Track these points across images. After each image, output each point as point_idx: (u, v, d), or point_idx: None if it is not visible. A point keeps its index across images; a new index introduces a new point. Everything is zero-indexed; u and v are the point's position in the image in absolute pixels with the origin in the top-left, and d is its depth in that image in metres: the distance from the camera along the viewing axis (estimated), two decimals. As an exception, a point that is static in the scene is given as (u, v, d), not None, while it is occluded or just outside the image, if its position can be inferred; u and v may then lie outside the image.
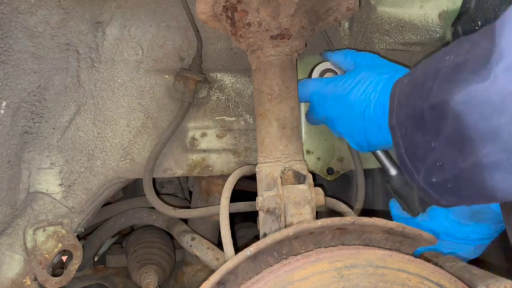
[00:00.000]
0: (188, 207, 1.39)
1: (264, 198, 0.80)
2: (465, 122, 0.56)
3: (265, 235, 0.82)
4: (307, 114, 1.03)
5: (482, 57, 0.55)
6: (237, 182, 0.92)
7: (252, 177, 1.00)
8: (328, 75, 1.01)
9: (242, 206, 1.07)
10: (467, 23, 1.05)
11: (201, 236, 1.20)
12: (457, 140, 0.58)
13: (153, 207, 1.12)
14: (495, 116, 0.52)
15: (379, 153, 0.99)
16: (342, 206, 1.05)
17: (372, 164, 1.15)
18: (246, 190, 1.41)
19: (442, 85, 0.60)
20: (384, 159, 0.99)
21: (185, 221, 1.32)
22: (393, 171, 0.97)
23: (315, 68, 1.02)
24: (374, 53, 1.00)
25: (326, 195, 0.89)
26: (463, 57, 0.59)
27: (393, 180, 0.96)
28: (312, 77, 1.02)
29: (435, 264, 0.69)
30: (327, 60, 1.03)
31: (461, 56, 0.59)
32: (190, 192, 1.49)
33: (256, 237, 1.28)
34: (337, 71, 1.01)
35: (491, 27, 0.56)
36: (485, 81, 0.53)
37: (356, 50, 1.01)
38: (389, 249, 0.67)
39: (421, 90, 0.66)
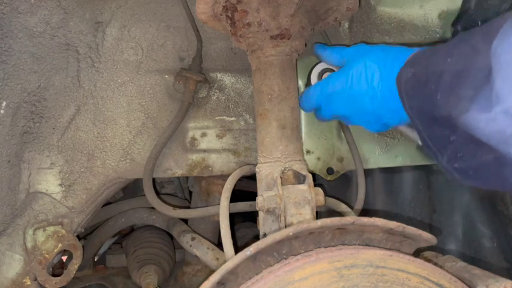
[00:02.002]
0: (189, 207, 1.39)
1: (264, 198, 0.80)
2: (475, 135, 0.58)
3: (265, 235, 0.82)
4: (316, 114, 1.02)
5: (481, 75, 0.56)
6: (237, 182, 0.92)
7: (252, 177, 1.00)
8: (327, 75, 1.00)
9: (242, 206, 1.07)
10: (467, 23, 1.05)
11: (201, 236, 1.20)
12: (473, 140, 0.60)
13: (153, 207, 1.12)
14: (501, 145, 0.55)
15: (403, 128, 0.97)
16: (342, 206, 1.05)
17: (372, 164, 1.15)
18: (246, 190, 1.41)
19: (446, 97, 0.62)
20: (409, 132, 0.97)
21: (185, 221, 1.32)
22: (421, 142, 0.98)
23: (313, 69, 1.02)
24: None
25: (326, 195, 0.89)
26: (463, 64, 0.60)
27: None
28: (311, 78, 1.02)
29: (435, 264, 0.69)
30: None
31: (461, 62, 0.61)
32: (190, 192, 1.49)
33: (256, 237, 1.28)
34: (334, 69, 1.00)
35: (488, 35, 0.57)
36: (485, 113, 0.55)
37: (343, 45, 1.01)
38: (389, 249, 0.67)
39: (425, 90, 0.67)
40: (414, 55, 0.78)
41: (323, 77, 1.00)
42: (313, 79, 1.01)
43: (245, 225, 1.75)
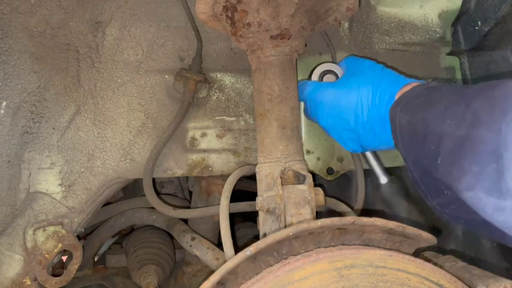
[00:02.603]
0: (189, 207, 1.39)
1: (264, 198, 0.80)
2: (478, 212, 0.57)
3: (265, 235, 0.82)
4: (304, 110, 1.04)
5: (486, 151, 0.55)
6: (237, 182, 0.92)
7: (252, 177, 1.00)
8: (328, 77, 1.01)
9: (242, 206, 1.07)
10: (467, 23, 1.05)
11: (201, 236, 1.20)
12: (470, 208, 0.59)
13: (153, 207, 1.12)
14: (507, 230, 0.55)
15: (370, 157, 1.00)
16: (342, 206, 1.05)
17: (372, 164, 1.15)
18: (246, 190, 1.41)
19: (447, 165, 0.62)
20: (375, 165, 1.00)
21: (185, 221, 1.32)
22: (383, 179, 0.97)
23: (315, 70, 1.02)
24: (374, 53, 1.00)
25: (326, 195, 0.89)
26: (465, 132, 0.59)
27: (384, 189, 0.96)
28: (312, 78, 1.02)
29: (435, 264, 0.69)
30: (330, 62, 1.02)
31: (462, 129, 0.60)
32: (190, 192, 1.49)
33: (256, 237, 1.28)
34: (337, 72, 1.00)
35: (494, 110, 0.56)
36: (493, 198, 0.54)
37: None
38: (389, 249, 0.67)
39: (424, 147, 0.67)
40: (407, 95, 0.77)
41: (324, 79, 1.00)
42: (314, 76, 1.02)
43: (245, 225, 1.75)
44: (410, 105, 0.75)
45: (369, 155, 1.01)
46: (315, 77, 1.01)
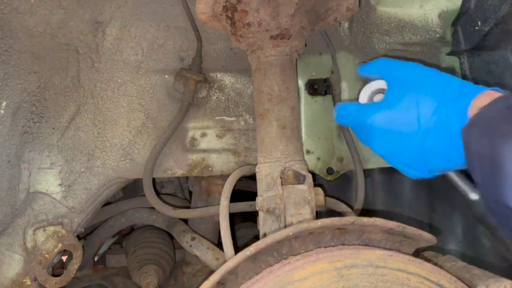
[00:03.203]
0: (189, 207, 1.39)
1: (264, 198, 0.80)
2: None
3: (265, 235, 0.82)
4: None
5: None
6: (237, 182, 0.92)
7: (252, 177, 1.00)
8: (379, 96, 0.84)
9: (242, 206, 1.07)
10: (467, 23, 1.05)
11: (201, 236, 1.20)
12: None
13: (153, 207, 1.12)
14: None
15: (453, 176, 0.84)
16: (342, 206, 1.05)
17: (372, 164, 1.15)
18: (246, 190, 1.41)
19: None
20: (459, 182, 0.83)
21: (185, 221, 1.32)
22: (474, 196, 0.81)
23: (364, 88, 0.86)
24: (374, 53, 0.98)
25: (326, 195, 0.89)
26: None
27: (477, 206, 0.86)
28: (360, 99, 0.86)
29: (435, 264, 0.69)
30: (380, 79, 0.82)
31: None
32: (190, 192, 1.49)
33: (256, 237, 1.28)
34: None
35: None
36: None
37: (388, 57, 0.87)
38: (389, 249, 0.67)
39: (493, 177, 0.58)
40: (485, 114, 0.64)
41: (374, 99, 0.85)
42: (363, 97, 0.86)
43: (245, 225, 1.75)
44: (491, 130, 0.61)
45: (451, 174, 0.85)
46: (363, 98, 0.85)
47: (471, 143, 0.64)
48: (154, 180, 1.16)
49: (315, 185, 0.85)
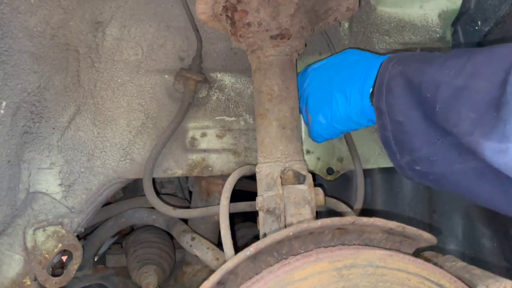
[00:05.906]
0: (188, 207, 1.39)
1: (264, 198, 0.80)
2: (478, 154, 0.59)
3: (265, 235, 0.82)
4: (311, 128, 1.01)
5: (484, 100, 0.57)
6: (237, 182, 0.92)
7: (252, 177, 1.00)
8: None
9: (242, 206, 1.07)
10: (467, 23, 1.05)
11: (201, 236, 1.20)
12: (464, 148, 0.61)
13: (153, 207, 1.12)
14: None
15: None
16: (342, 206, 1.05)
17: (372, 164, 1.15)
18: (246, 190, 1.41)
19: (445, 112, 0.64)
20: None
21: (185, 221, 1.32)
22: None
23: None
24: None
25: (326, 195, 0.89)
26: (464, 82, 0.61)
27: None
28: None
29: (435, 264, 0.69)
30: None
31: (461, 79, 0.62)
32: (190, 192, 1.49)
33: (256, 237, 1.28)
34: None
35: (495, 61, 0.58)
36: (493, 141, 0.55)
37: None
38: (389, 249, 0.67)
39: (419, 95, 0.68)
40: (399, 54, 0.78)
41: None
42: None
43: (245, 225, 1.75)
44: (404, 58, 0.76)
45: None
46: None
47: (384, 72, 0.76)
48: (154, 180, 1.16)
49: (315, 185, 0.85)
